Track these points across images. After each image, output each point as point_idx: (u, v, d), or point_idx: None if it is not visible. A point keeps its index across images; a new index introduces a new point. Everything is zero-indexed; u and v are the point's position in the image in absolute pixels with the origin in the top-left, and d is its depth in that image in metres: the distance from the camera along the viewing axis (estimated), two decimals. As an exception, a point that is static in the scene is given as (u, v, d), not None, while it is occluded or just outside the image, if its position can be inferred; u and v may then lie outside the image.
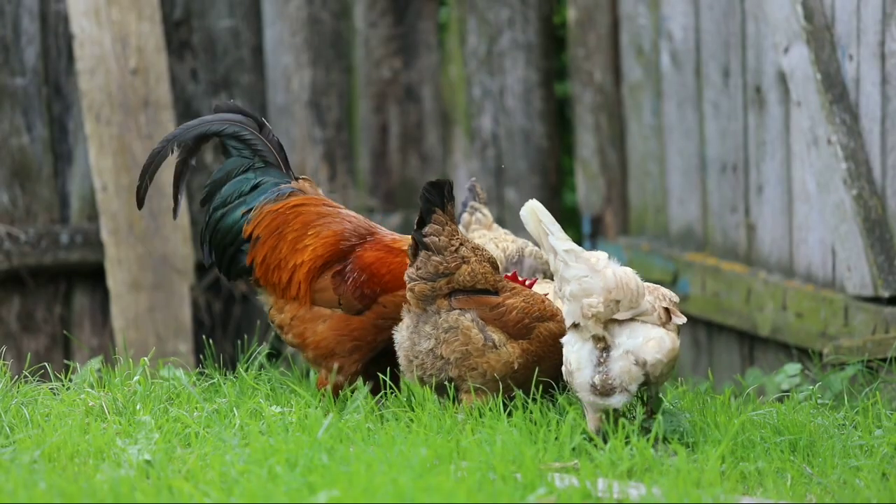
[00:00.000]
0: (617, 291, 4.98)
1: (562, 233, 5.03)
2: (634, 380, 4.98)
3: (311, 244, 5.11)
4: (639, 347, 5.00)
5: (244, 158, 5.21)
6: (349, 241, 5.12)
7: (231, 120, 5.23)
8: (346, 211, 5.22)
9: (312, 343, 5.10)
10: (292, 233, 5.13)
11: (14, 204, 7.31)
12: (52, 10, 7.32)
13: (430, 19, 8.00)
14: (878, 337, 6.11)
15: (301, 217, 5.16)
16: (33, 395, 5.20)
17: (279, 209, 5.16)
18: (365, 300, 5.06)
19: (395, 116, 7.99)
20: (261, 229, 5.16)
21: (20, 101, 7.28)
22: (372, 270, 5.08)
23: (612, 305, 4.98)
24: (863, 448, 4.83)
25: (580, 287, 4.98)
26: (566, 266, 5.01)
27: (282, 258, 5.12)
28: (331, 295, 5.07)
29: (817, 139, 6.32)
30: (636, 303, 5.01)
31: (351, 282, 5.07)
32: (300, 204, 5.18)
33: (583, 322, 5.00)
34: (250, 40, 7.72)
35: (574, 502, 4.20)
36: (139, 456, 4.57)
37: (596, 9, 7.72)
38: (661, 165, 7.47)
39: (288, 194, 5.18)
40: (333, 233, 5.13)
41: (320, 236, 5.13)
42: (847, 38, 6.25)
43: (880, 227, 6.17)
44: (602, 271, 5.00)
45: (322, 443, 4.65)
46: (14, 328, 7.36)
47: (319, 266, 5.09)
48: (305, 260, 5.10)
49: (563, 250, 5.01)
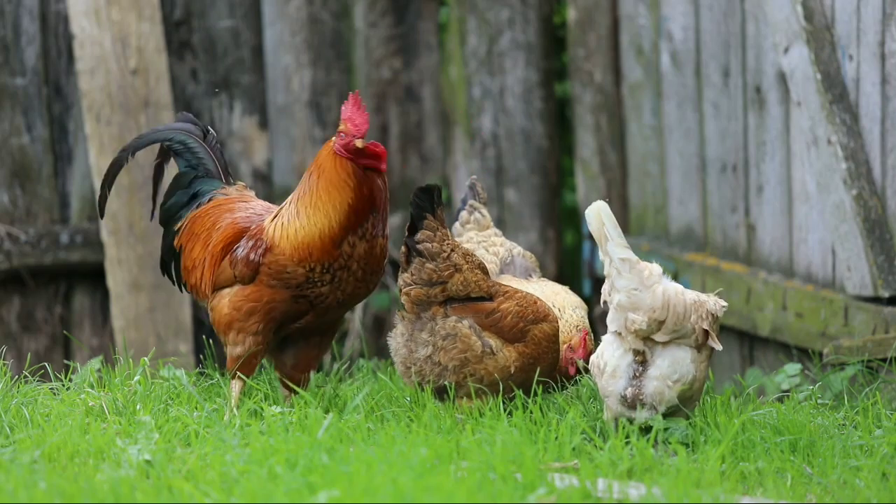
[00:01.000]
0: (661, 312, 4.98)
1: (621, 239, 5.03)
2: (665, 402, 5.00)
3: (214, 237, 5.26)
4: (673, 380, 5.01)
5: (190, 169, 5.41)
6: (248, 222, 5.25)
7: (179, 129, 5.45)
8: (260, 203, 5.35)
9: (216, 320, 5.19)
10: (204, 233, 5.29)
11: (14, 204, 7.31)
12: (52, 10, 7.32)
13: (430, 19, 8.00)
14: (878, 337, 6.11)
15: (212, 217, 5.31)
16: (33, 395, 5.20)
17: (198, 215, 5.34)
18: (251, 265, 5.14)
19: (395, 116, 7.99)
20: (183, 238, 5.35)
21: (20, 101, 7.28)
22: (258, 236, 5.16)
23: (654, 325, 4.98)
24: (863, 448, 4.83)
25: (628, 299, 4.99)
26: (619, 275, 5.02)
27: (195, 258, 5.28)
28: (228, 273, 5.18)
29: (817, 139, 6.32)
30: (680, 325, 5.00)
31: (241, 253, 5.17)
32: (216, 205, 5.34)
33: (624, 334, 5.01)
34: (250, 40, 7.72)
35: (574, 502, 4.19)
36: (139, 456, 4.57)
37: (596, 9, 7.72)
38: (661, 165, 7.47)
39: (208, 200, 5.36)
40: (232, 221, 5.26)
41: (221, 229, 5.26)
42: (847, 38, 6.25)
43: (880, 227, 6.17)
44: (652, 288, 5.00)
45: (322, 443, 4.65)
46: (14, 328, 7.36)
47: (220, 251, 5.23)
48: (209, 251, 5.25)
49: (619, 258, 5.01)
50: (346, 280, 5.17)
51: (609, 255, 5.02)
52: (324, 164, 5.16)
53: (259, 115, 7.76)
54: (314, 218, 5.12)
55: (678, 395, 4.98)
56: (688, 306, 5.01)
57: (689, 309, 5.00)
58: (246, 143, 7.75)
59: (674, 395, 4.99)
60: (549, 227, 8.01)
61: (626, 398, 5.02)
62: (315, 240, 5.11)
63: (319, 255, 5.11)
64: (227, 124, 7.70)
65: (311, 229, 5.11)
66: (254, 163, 7.76)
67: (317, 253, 5.11)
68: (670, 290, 5.02)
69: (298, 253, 5.11)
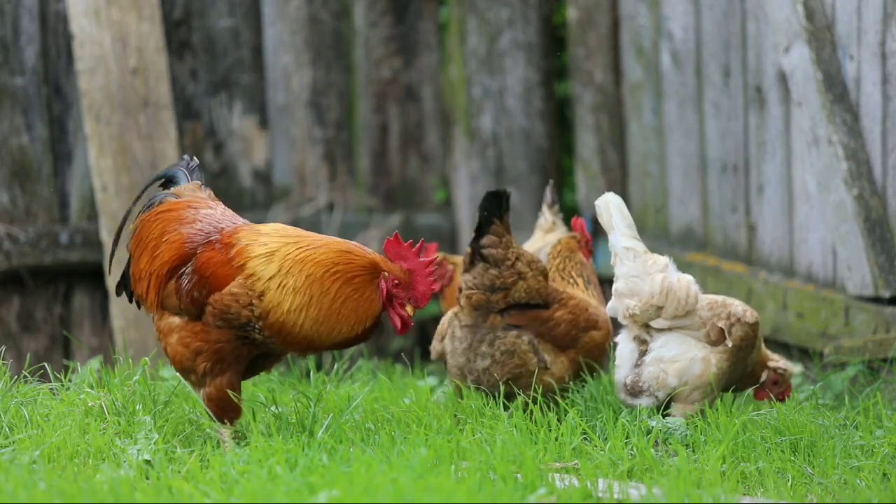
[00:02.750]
0: (660, 298, 5.02)
1: (629, 230, 5.08)
2: (662, 388, 5.03)
3: (161, 251, 4.88)
4: (667, 363, 5.04)
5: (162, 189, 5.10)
6: (193, 243, 4.84)
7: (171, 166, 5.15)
8: (211, 210, 4.96)
9: (172, 356, 4.83)
10: (152, 241, 4.92)
11: (14, 204, 7.30)
12: (51, 9, 7.31)
13: (430, 19, 7.99)
14: (878, 337, 6.11)
15: (160, 224, 4.93)
16: (33, 395, 5.19)
17: (146, 218, 4.97)
18: (196, 303, 4.76)
19: (395, 116, 7.98)
20: (132, 243, 4.98)
21: (20, 100, 7.27)
22: (201, 272, 4.78)
23: (650, 311, 5.02)
24: (863, 448, 4.83)
25: (626, 286, 5.05)
26: (620, 263, 5.08)
27: (142, 269, 4.91)
28: (174, 301, 4.82)
29: (818, 139, 6.31)
30: (682, 313, 5.02)
31: (186, 285, 4.80)
32: (164, 210, 4.96)
33: (621, 320, 5.06)
34: (250, 40, 7.71)
35: (574, 502, 4.19)
36: (139, 456, 4.56)
37: (596, 9, 7.71)
38: (662, 165, 7.47)
39: (159, 202, 4.99)
40: (181, 236, 4.87)
41: (169, 242, 4.88)
42: (848, 37, 6.24)
43: (881, 227, 6.16)
44: (651, 275, 5.03)
45: (322, 443, 4.64)
46: (14, 328, 7.35)
47: (166, 272, 4.83)
48: (155, 268, 4.87)
49: (623, 247, 5.06)
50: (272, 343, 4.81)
51: (613, 244, 5.07)
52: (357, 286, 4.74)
53: (259, 114, 7.75)
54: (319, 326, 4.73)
55: (680, 380, 4.99)
56: (691, 295, 5.04)
57: (694, 299, 5.03)
58: (246, 142, 7.74)
59: (672, 381, 5.01)
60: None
61: (626, 385, 5.05)
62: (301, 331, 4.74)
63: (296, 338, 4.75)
64: (226, 124, 7.69)
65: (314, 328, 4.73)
66: (254, 162, 7.75)
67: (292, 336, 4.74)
68: (672, 279, 5.05)
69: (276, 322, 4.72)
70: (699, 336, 5.07)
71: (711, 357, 5.07)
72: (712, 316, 5.08)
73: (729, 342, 5.07)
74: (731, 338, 5.07)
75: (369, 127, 7.94)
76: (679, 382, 5.05)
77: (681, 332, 5.08)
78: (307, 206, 7.78)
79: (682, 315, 5.05)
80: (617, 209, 5.08)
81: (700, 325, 5.05)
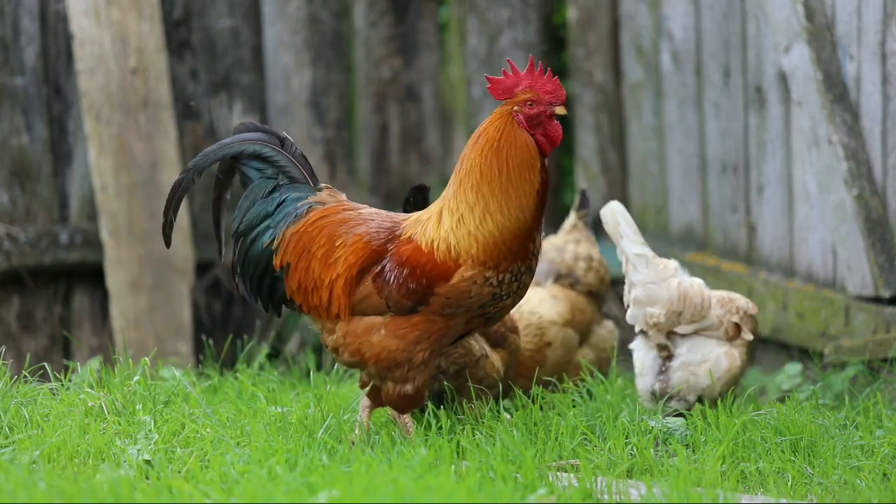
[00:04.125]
0: (678, 303, 5.07)
1: (637, 236, 5.10)
2: (693, 390, 5.09)
3: (341, 255, 4.72)
4: (696, 366, 5.09)
5: (268, 179, 4.86)
6: (380, 240, 4.72)
7: (249, 139, 4.87)
8: (368, 209, 4.84)
9: (372, 356, 4.67)
10: (320, 249, 4.75)
11: (14, 204, 7.30)
12: (51, 9, 7.31)
13: (430, 19, 7.99)
14: (878, 337, 6.11)
15: (325, 230, 4.77)
16: (33, 395, 5.19)
17: (301, 229, 4.78)
18: (413, 296, 4.63)
19: (395, 116, 7.98)
20: (289, 255, 4.78)
21: (20, 100, 7.27)
22: (411, 264, 4.64)
23: (673, 317, 5.07)
24: (864, 448, 4.83)
25: (645, 293, 5.08)
26: (635, 270, 5.10)
27: (316, 278, 4.73)
28: (376, 300, 4.67)
29: (818, 139, 6.31)
30: (699, 317, 5.08)
31: (394, 281, 4.65)
32: (320, 217, 4.79)
33: (646, 329, 5.09)
34: (250, 40, 7.71)
35: (574, 502, 4.19)
36: (139, 456, 4.56)
37: (596, 8, 7.71)
38: (662, 165, 7.47)
39: (306, 211, 4.80)
40: (359, 236, 4.73)
41: (348, 244, 4.73)
42: (848, 37, 6.24)
43: (881, 227, 6.16)
44: (667, 281, 5.07)
45: (322, 443, 4.64)
46: (14, 328, 7.35)
47: (356, 274, 4.70)
48: (340, 273, 4.71)
49: (634, 254, 5.10)
50: (526, 284, 4.66)
51: (625, 251, 5.08)
52: (506, 141, 4.55)
53: (259, 114, 7.75)
54: (509, 211, 4.57)
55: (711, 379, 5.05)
56: (705, 298, 5.10)
57: (708, 301, 5.09)
58: (246, 142, 7.74)
59: (703, 380, 5.06)
60: (549, 226, 8.00)
61: (654, 393, 5.09)
62: (512, 241, 4.57)
63: (513, 258, 4.58)
64: (226, 124, 7.69)
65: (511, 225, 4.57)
66: (254, 163, 7.75)
67: (510, 256, 4.57)
68: (686, 283, 5.10)
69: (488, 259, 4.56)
70: (719, 335, 5.14)
71: (734, 352, 5.14)
72: (725, 313, 5.14)
73: (749, 335, 5.14)
74: (747, 331, 5.15)
75: (369, 127, 7.93)
76: (710, 381, 5.10)
77: (702, 334, 5.13)
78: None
79: (698, 319, 5.11)
80: (623, 217, 5.11)
81: (718, 325, 5.12)
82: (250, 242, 4.86)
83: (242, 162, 4.87)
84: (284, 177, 4.85)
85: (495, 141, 4.58)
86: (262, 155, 4.86)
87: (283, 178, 4.85)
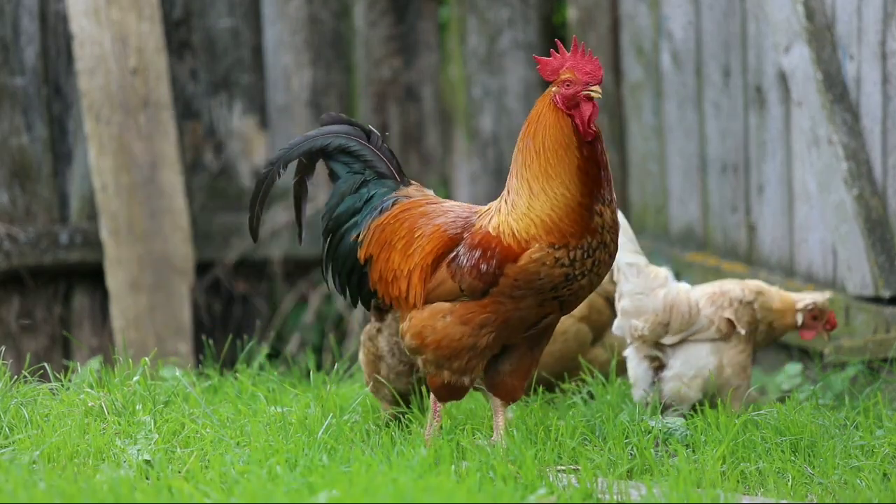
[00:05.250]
0: (664, 314, 5.03)
1: (631, 244, 5.06)
2: (685, 401, 5.06)
3: (418, 245, 4.72)
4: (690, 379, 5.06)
5: (355, 174, 4.85)
6: (456, 228, 4.71)
7: (335, 133, 4.87)
8: (450, 202, 4.83)
9: (433, 342, 4.63)
10: (400, 241, 4.75)
11: (14, 204, 7.30)
12: (51, 9, 7.31)
13: (430, 19, 7.99)
14: (878, 337, 6.10)
15: (406, 223, 4.77)
16: (33, 395, 5.19)
17: (384, 222, 4.78)
18: (485, 277, 4.59)
19: (395, 116, 7.98)
20: (372, 248, 4.78)
21: (20, 100, 7.27)
22: (483, 245, 4.62)
23: (658, 329, 5.03)
24: (864, 448, 4.83)
25: (631, 304, 5.03)
26: (625, 280, 5.07)
27: (396, 269, 4.73)
28: (450, 285, 4.64)
29: (818, 139, 6.31)
30: (687, 325, 5.03)
31: (466, 263, 4.62)
32: (403, 210, 4.79)
33: (629, 340, 5.05)
34: (250, 40, 7.71)
35: (574, 502, 4.19)
36: (139, 456, 4.56)
37: (596, 8, 7.71)
38: (662, 165, 7.47)
39: (392, 205, 4.81)
40: (437, 227, 4.72)
41: (426, 235, 4.72)
42: (848, 37, 6.24)
43: (881, 227, 6.16)
44: (654, 291, 5.03)
45: (322, 443, 4.64)
46: (14, 328, 7.35)
47: (431, 262, 4.68)
48: (417, 262, 4.70)
49: (626, 263, 5.05)
50: (603, 262, 4.61)
51: (617, 260, 5.02)
52: (542, 123, 4.60)
53: (259, 114, 7.75)
54: (553, 189, 4.58)
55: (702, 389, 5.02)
56: (692, 304, 5.04)
57: (696, 307, 5.03)
58: (245, 142, 7.74)
59: (695, 393, 5.03)
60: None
61: (648, 405, 5.06)
62: (565, 217, 4.55)
63: (579, 235, 4.54)
64: (226, 124, 7.69)
65: (558, 203, 4.56)
66: (253, 162, 7.75)
67: (575, 232, 4.54)
68: (672, 292, 5.04)
69: (554, 238, 4.53)
70: (711, 335, 5.09)
71: (727, 352, 5.09)
72: (716, 310, 5.09)
73: (741, 329, 5.09)
74: (740, 324, 5.09)
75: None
76: (701, 395, 5.06)
77: (692, 339, 5.09)
78: (307, 206, 7.77)
79: (686, 327, 5.06)
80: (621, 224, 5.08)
81: (708, 325, 5.07)
82: (339, 238, 4.85)
83: (329, 156, 4.87)
84: (371, 172, 4.86)
85: (534, 123, 4.64)
86: (348, 149, 4.87)
87: (370, 172, 4.86)
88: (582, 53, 4.58)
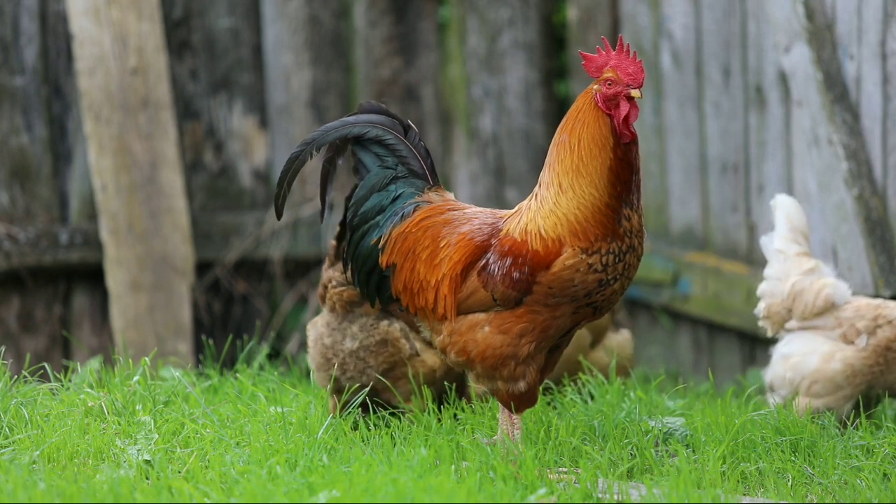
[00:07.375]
0: (787, 301, 5.24)
1: (789, 233, 5.41)
2: (784, 385, 5.27)
3: (445, 255, 4.63)
4: (789, 359, 5.24)
5: (386, 169, 4.74)
6: (482, 237, 4.63)
7: (374, 122, 4.75)
8: (473, 208, 4.74)
9: (478, 355, 4.56)
10: (425, 251, 4.65)
11: (14, 204, 7.30)
12: (51, 9, 7.31)
13: (430, 19, 7.99)
14: (879, 337, 6.10)
15: (429, 231, 4.67)
16: (33, 395, 5.19)
17: (406, 230, 4.68)
18: (519, 285, 4.53)
19: (395, 116, 7.98)
20: (394, 256, 4.69)
21: (20, 100, 7.27)
22: (514, 252, 4.55)
23: (782, 312, 5.25)
24: (864, 448, 4.83)
25: (767, 287, 5.37)
26: (770, 264, 5.38)
27: (422, 279, 4.65)
28: (482, 294, 4.57)
29: (818, 139, 6.31)
30: (809, 315, 5.21)
31: (498, 272, 4.55)
32: (425, 217, 4.69)
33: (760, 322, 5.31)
34: (250, 40, 7.71)
35: (574, 502, 4.19)
36: (139, 456, 4.56)
37: (597, 8, 7.71)
38: (662, 165, 7.46)
39: (412, 211, 4.70)
40: (462, 235, 4.64)
41: (452, 244, 4.63)
42: (848, 37, 6.24)
43: (881, 227, 6.16)
44: (786, 279, 5.28)
45: (322, 443, 4.64)
46: (13, 328, 7.35)
47: (460, 272, 4.61)
48: (445, 272, 4.62)
49: (774, 249, 5.40)
50: (632, 265, 4.56)
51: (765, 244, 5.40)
52: (580, 120, 4.54)
53: (259, 114, 7.75)
54: (581, 188, 4.53)
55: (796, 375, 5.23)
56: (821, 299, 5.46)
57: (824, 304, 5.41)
58: (245, 142, 7.74)
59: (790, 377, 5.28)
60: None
61: (767, 384, 5.37)
62: (590, 217, 4.51)
63: (603, 237, 4.50)
64: (226, 124, 7.69)
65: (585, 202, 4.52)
66: (253, 162, 7.75)
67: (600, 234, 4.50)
68: (805, 283, 5.53)
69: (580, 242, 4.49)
70: (833, 336, 5.21)
71: (837, 353, 5.17)
72: (854, 317, 5.20)
73: (862, 342, 5.18)
74: (870, 338, 5.19)
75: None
76: (796, 377, 5.19)
77: (813, 332, 5.24)
78: (307, 205, 7.77)
79: (809, 317, 5.21)
80: (784, 213, 5.34)
81: (835, 326, 5.20)
82: (361, 237, 4.76)
83: (363, 145, 4.76)
84: (404, 168, 4.76)
85: (573, 119, 4.56)
86: (384, 141, 4.76)
87: (402, 169, 4.76)
88: (627, 53, 4.54)
